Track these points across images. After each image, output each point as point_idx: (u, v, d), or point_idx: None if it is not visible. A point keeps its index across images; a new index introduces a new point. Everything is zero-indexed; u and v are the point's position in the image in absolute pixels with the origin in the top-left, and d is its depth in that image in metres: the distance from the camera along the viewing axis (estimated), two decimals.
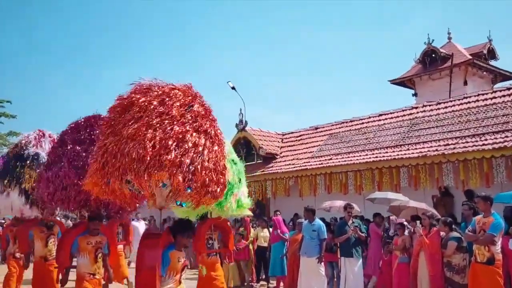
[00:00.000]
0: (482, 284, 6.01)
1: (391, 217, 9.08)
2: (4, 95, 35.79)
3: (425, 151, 11.25)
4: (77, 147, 6.11)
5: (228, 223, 8.55)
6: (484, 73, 22.21)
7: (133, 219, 14.83)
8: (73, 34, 64.12)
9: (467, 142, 10.86)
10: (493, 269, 5.94)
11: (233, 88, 18.46)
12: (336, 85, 64.93)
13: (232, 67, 65.00)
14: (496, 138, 10.35)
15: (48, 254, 7.63)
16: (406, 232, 8.01)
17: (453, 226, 7.17)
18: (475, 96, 13.27)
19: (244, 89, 71.74)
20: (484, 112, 12.02)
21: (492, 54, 22.83)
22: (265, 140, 16.83)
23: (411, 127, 13.30)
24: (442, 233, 7.36)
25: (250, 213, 11.98)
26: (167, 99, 4.29)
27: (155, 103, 4.24)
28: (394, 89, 47.09)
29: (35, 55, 61.12)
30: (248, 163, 13.59)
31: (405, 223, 8.19)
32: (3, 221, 18.52)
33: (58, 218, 10.25)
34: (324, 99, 64.08)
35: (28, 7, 59.75)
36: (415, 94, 22.88)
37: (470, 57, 21.47)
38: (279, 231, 10.38)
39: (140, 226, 15.42)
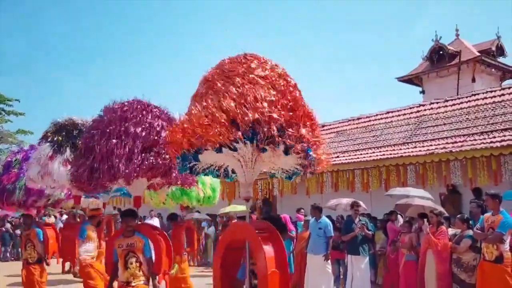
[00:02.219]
0: (491, 282, 5.98)
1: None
2: (12, 93, 36.06)
3: (432, 149, 11.18)
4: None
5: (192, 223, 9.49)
6: (493, 70, 22.04)
7: (144, 216, 14.82)
8: (80, 32, 64.43)
9: (475, 139, 10.78)
10: (501, 268, 5.91)
11: None
12: (344, 83, 64.75)
13: None
14: (504, 136, 10.27)
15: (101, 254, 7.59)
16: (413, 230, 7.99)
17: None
18: (483, 93, 13.17)
19: None
20: (492, 110, 11.93)
21: (500, 51, 22.65)
22: None
23: (418, 124, 13.22)
24: (451, 231, 7.33)
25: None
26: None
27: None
28: (401, 87, 46.91)
29: (42, 53, 61.48)
30: None
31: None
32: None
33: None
34: (331, 96, 63.94)
35: (34, 5, 60.06)
36: (422, 92, 22.75)
37: (478, 54, 21.30)
38: None
39: (154, 223, 15.18)
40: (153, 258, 5.29)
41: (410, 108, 14.58)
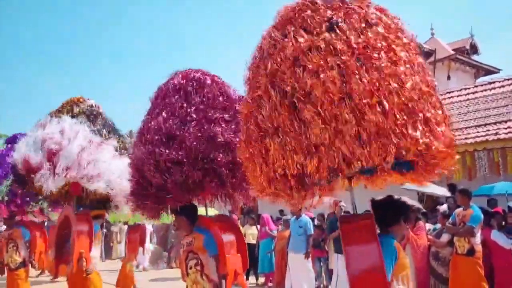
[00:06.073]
0: (463, 275, 6.16)
1: None
2: None
3: None
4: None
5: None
6: (467, 67, 22.53)
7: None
8: (45, 29, 63.32)
9: None
10: (473, 260, 6.10)
11: None
12: None
13: (223, 64, 64.84)
14: (478, 132, 10.55)
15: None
16: None
17: None
18: (457, 91, 13.51)
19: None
20: (466, 107, 12.24)
21: (474, 49, 23.18)
22: None
23: None
24: (429, 226, 7.50)
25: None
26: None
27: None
28: None
29: (9, 52, 60.23)
30: None
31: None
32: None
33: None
34: None
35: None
36: None
37: (453, 52, 21.77)
38: (267, 228, 10.47)
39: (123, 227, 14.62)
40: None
41: None
